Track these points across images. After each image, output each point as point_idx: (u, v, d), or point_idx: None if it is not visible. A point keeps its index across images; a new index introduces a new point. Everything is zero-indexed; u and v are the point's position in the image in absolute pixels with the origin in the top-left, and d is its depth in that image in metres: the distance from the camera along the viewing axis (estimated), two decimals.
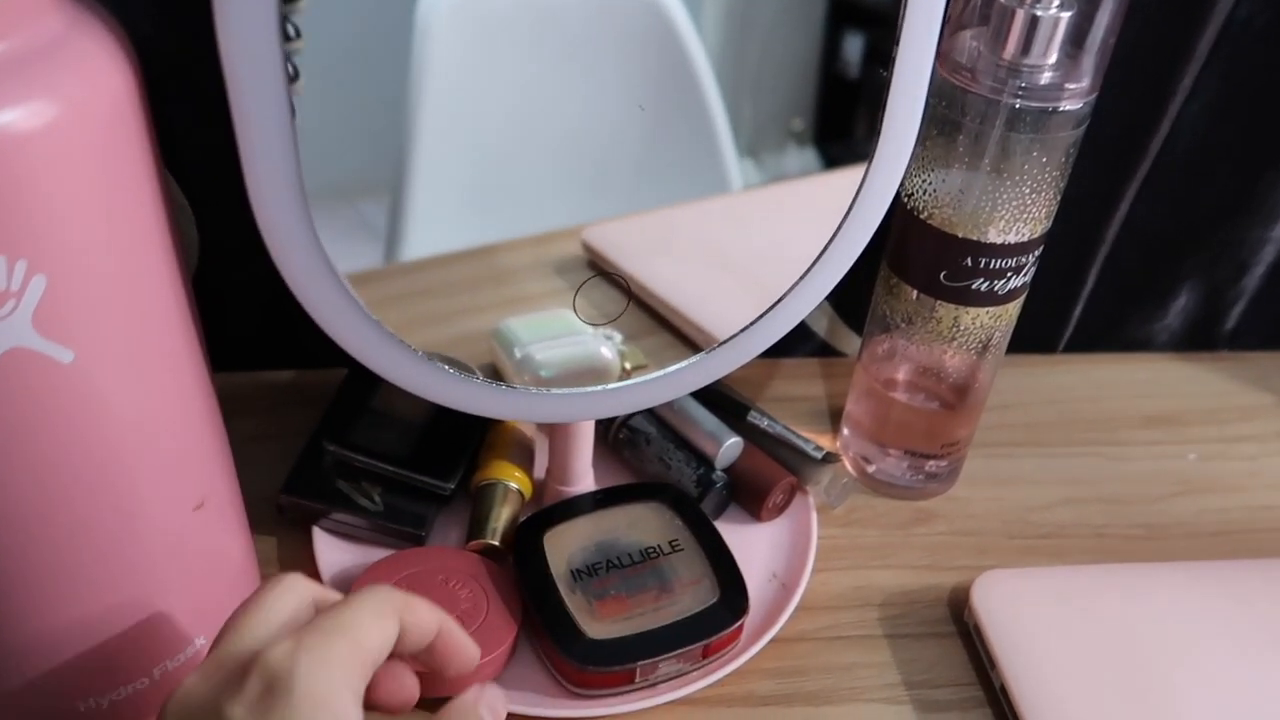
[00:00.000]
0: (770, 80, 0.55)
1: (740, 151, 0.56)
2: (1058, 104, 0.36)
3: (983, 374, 0.43)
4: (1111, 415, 0.53)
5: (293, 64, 0.33)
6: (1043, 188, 0.37)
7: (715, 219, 0.55)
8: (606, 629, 0.36)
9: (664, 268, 0.55)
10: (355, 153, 0.48)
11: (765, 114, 0.56)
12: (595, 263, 0.56)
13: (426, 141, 0.49)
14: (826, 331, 0.55)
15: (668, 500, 0.42)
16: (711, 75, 0.54)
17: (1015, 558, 0.44)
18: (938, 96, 0.37)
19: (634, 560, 0.39)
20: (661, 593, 0.38)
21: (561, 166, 0.52)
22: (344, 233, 0.51)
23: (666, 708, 0.36)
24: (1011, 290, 0.40)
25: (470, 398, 0.34)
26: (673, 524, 0.41)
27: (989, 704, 0.37)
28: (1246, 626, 0.39)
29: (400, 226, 0.52)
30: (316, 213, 0.30)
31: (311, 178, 0.29)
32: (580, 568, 0.39)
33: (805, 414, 0.51)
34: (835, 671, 0.38)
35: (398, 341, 0.32)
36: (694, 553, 0.40)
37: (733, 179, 0.57)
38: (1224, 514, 0.47)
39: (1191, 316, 0.56)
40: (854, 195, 0.34)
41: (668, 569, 0.39)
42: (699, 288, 0.50)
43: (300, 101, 0.32)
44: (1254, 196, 0.50)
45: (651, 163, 0.56)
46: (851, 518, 0.45)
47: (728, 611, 0.37)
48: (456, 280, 0.54)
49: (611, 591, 0.38)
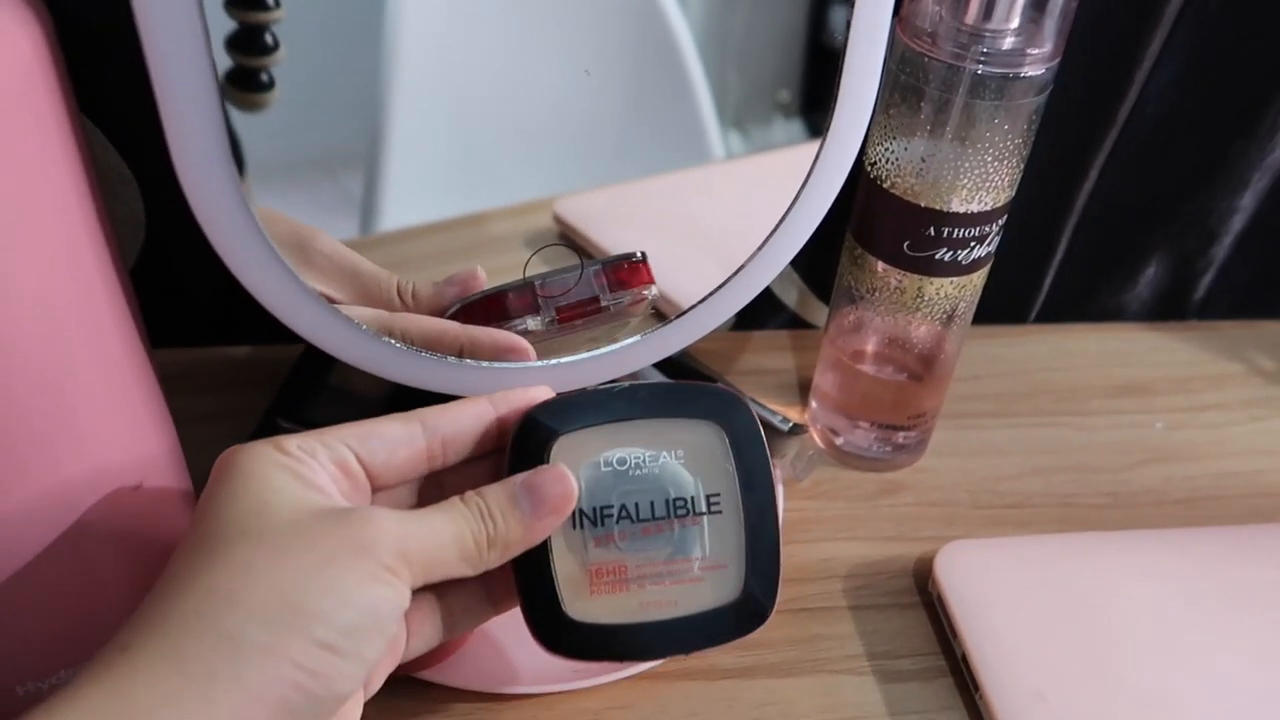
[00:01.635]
0: (756, 51, 0.55)
1: (726, 124, 0.56)
2: (1020, 70, 0.35)
3: (949, 344, 0.43)
4: (1081, 385, 0.53)
5: (272, 34, 0.32)
6: (1006, 156, 0.37)
7: (690, 190, 0.55)
8: (594, 609, 0.29)
9: (634, 239, 0.55)
10: (336, 125, 0.47)
11: (751, 85, 0.55)
12: (566, 235, 0.56)
13: (402, 113, 0.49)
14: (797, 304, 0.54)
15: (730, 425, 0.30)
16: (694, 46, 0.53)
17: (982, 528, 0.44)
18: (900, 63, 0.37)
19: (654, 514, 0.29)
20: (672, 566, 0.29)
21: (539, 139, 0.51)
22: (328, 206, 0.51)
23: (627, 682, 0.36)
24: (975, 260, 0.39)
25: (419, 373, 0.34)
26: (723, 467, 0.29)
27: (951, 674, 0.37)
28: (1209, 593, 0.39)
29: (375, 199, 0.51)
30: (298, 186, 0.30)
31: (292, 150, 0.28)
32: (587, 508, 0.29)
33: (775, 387, 0.51)
34: (798, 643, 0.38)
35: (340, 316, 0.32)
36: (732, 521, 0.29)
37: (716, 151, 0.56)
38: (1190, 482, 0.47)
39: (1161, 286, 0.56)
40: (812, 162, 0.34)
41: (692, 538, 0.29)
42: (668, 259, 0.49)
43: (280, 72, 0.31)
44: (1223, 165, 0.50)
45: (632, 135, 0.56)
46: (818, 490, 0.45)
47: (744, 619, 0.29)
48: (425, 253, 0.53)
49: (614, 554, 0.29)
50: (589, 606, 0.29)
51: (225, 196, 0.28)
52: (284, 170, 0.45)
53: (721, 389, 0.30)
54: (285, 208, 0.47)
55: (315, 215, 0.31)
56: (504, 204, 0.51)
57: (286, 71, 0.28)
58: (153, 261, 0.45)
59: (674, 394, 0.30)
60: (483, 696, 0.35)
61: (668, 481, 0.29)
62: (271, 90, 0.38)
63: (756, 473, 0.30)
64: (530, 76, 0.49)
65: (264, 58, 0.37)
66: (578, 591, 0.29)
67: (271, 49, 0.33)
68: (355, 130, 0.49)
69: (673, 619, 0.29)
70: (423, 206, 0.52)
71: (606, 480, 0.29)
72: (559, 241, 0.39)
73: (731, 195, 0.55)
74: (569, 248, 0.39)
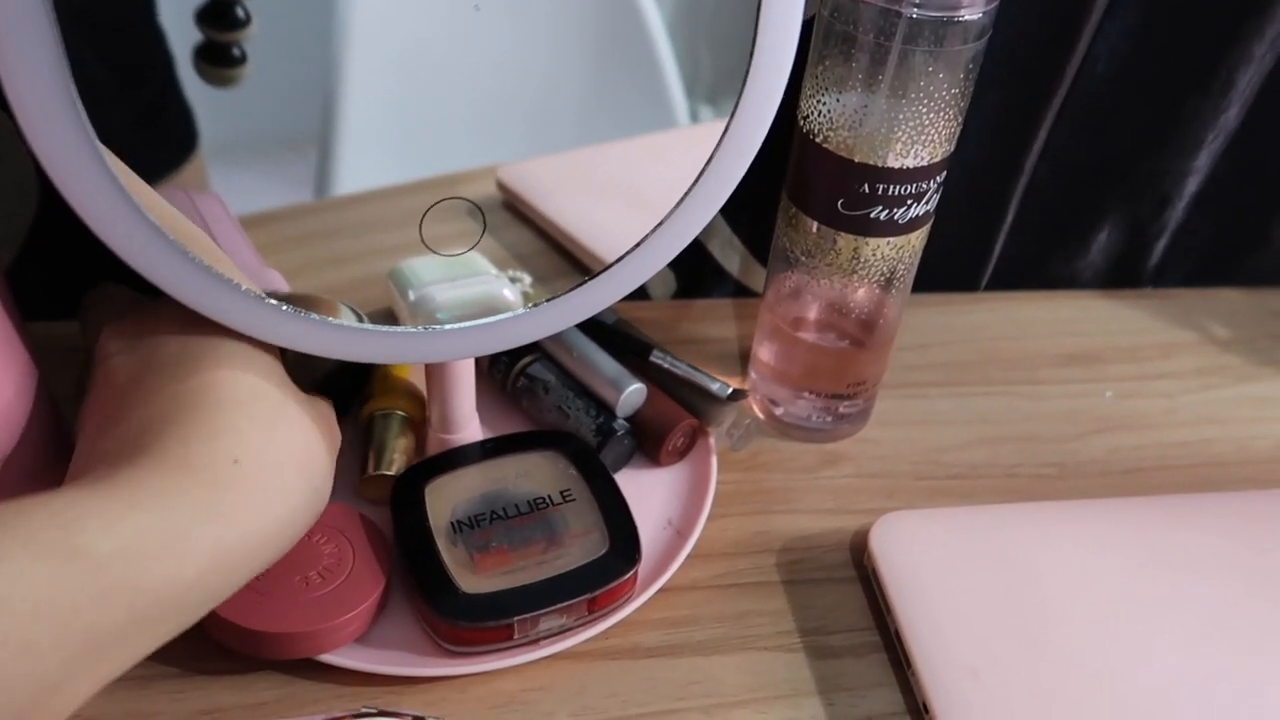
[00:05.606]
0: (728, 28, 0.53)
1: (699, 99, 0.54)
2: (956, 13, 0.33)
3: (889, 309, 0.41)
4: (1031, 354, 0.51)
5: (244, 7, 0.30)
6: (943, 107, 0.35)
7: (640, 157, 0.53)
8: (485, 583, 0.34)
9: (576, 205, 0.53)
10: (304, 100, 0.47)
11: (724, 63, 0.54)
12: (510, 202, 0.54)
13: (355, 81, 0.47)
14: (740, 272, 0.52)
15: (563, 449, 0.39)
16: (662, 22, 0.52)
17: (923, 499, 0.42)
18: (833, 11, 0.35)
19: (520, 511, 0.37)
20: (549, 545, 0.36)
21: (495, 110, 0.50)
22: (292, 182, 0.49)
23: (545, 662, 0.34)
24: (913, 219, 0.38)
25: (323, 340, 0.32)
26: (566, 474, 0.39)
27: (885, 649, 0.36)
28: (1151, 563, 0.37)
29: (329, 167, 0.49)
30: (263, 164, 0.27)
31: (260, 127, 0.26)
32: (462, 519, 0.36)
33: (715, 356, 0.49)
34: (727, 620, 0.36)
35: (207, 269, 0.29)
36: (586, 503, 0.37)
37: (680, 122, 0.54)
38: (1138, 451, 0.46)
39: (1114, 253, 0.55)
40: (734, 105, 0.32)
41: (558, 520, 0.37)
42: (607, 221, 0.47)
43: (252, 45, 0.30)
44: (1177, 124, 0.49)
45: (594, 106, 0.54)
46: (756, 461, 0.43)
47: (617, 563, 0.35)
48: (365, 220, 0.51)
49: (494, 544, 0.36)
50: (480, 581, 0.34)
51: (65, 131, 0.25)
52: (250, 146, 0.44)
53: (555, 432, 0.41)
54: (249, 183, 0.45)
55: (287, 195, 0.30)
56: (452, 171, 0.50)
57: (258, 47, 0.27)
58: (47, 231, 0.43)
59: (516, 440, 0.40)
60: (392, 680, 0.33)
61: (526, 491, 0.38)
62: (244, 65, 0.36)
63: (594, 470, 0.38)
64: (485, 45, 0.47)
65: (235, 32, 0.35)
66: (468, 573, 0.34)
67: (244, 23, 0.30)
68: (312, 104, 0.48)
69: (556, 575, 0.34)
70: (375, 174, 0.50)
71: (476, 501, 0.37)
72: (456, 196, 0.37)
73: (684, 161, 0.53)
74: (469, 204, 0.37)
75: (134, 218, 0.27)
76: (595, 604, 0.35)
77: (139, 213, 0.27)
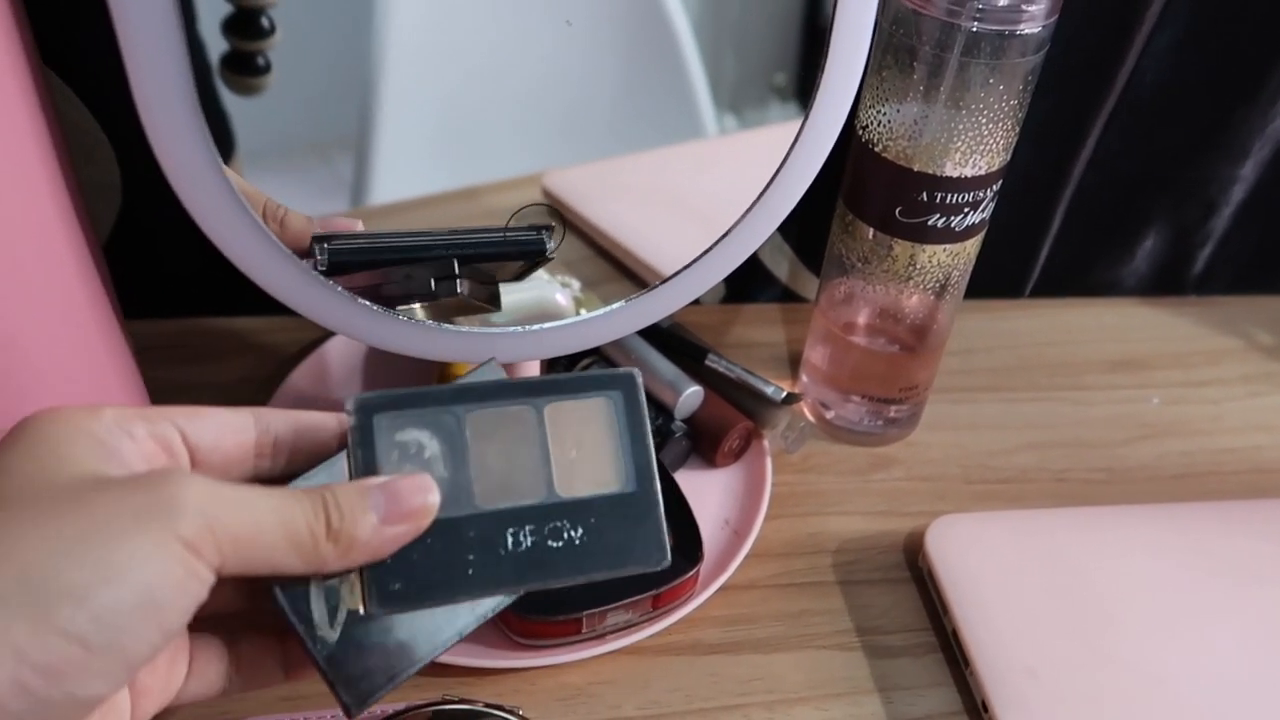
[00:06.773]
0: (752, 34, 0.54)
1: (721, 106, 0.55)
2: (1016, 27, 0.34)
3: (942, 315, 0.42)
4: (1077, 360, 0.52)
5: (269, 18, 0.31)
6: (1001, 118, 0.36)
7: (680, 166, 0.54)
8: None
9: (622, 212, 0.54)
10: (329, 108, 0.47)
11: (747, 69, 0.55)
12: (555, 209, 0.55)
13: (392, 91, 0.48)
14: (788, 277, 0.53)
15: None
16: (689, 28, 0.53)
17: (973, 503, 0.43)
18: (894, 23, 0.36)
19: None
20: None
21: (530, 116, 0.51)
22: (321, 188, 0.50)
23: (611, 657, 0.35)
24: (969, 227, 0.38)
25: (398, 337, 0.33)
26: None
27: (941, 649, 0.36)
28: (1204, 568, 0.38)
29: (365, 176, 0.50)
30: (292, 170, 0.29)
31: (288, 133, 0.27)
32: None
33: (765, 360, 0.50)
34: (785, 619, 0.37)
35: (315, 276, 0.30)
36: None
37: (709, 131, 0.55)
38: (1186, 457, 0.46)
39: (1159, 260, 0.55)
40: (801, 122, 0.33)
41: None
42: (655, 230, 0.48)
43: (276, 54, 0.30)
44: (1224, 133, 0.49)
45: (625, 113, 0.55)
46: (808, 464, 0.44)
47: (679, 561, 0.36)
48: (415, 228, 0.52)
49: None
50: None
51: (197, 155, 0.27)
52: (278, 154, 0.45)
53: None
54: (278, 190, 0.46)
55: (308, 198, 0.30)
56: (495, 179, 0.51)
57: (282, 55, 0.28)
58: (130, 230, 0.44)
59: None
60: (465, 671, 0.34)
61: None
62: (268, 74, 0.37)
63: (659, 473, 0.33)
64: (521, 54, 0.48)
65: (260, 41, 0.36)
66: None
67: (268, 33, 0.32)
68: (347, 111, 0.49)
69: None
70: (413, 182, 0.51)
71: None
72: (542, 202, 0.38)
73: (723, 170, 0.54)
74: (550, 210, 0.38)
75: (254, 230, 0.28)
76: (659, 600, 0.36)
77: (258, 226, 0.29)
